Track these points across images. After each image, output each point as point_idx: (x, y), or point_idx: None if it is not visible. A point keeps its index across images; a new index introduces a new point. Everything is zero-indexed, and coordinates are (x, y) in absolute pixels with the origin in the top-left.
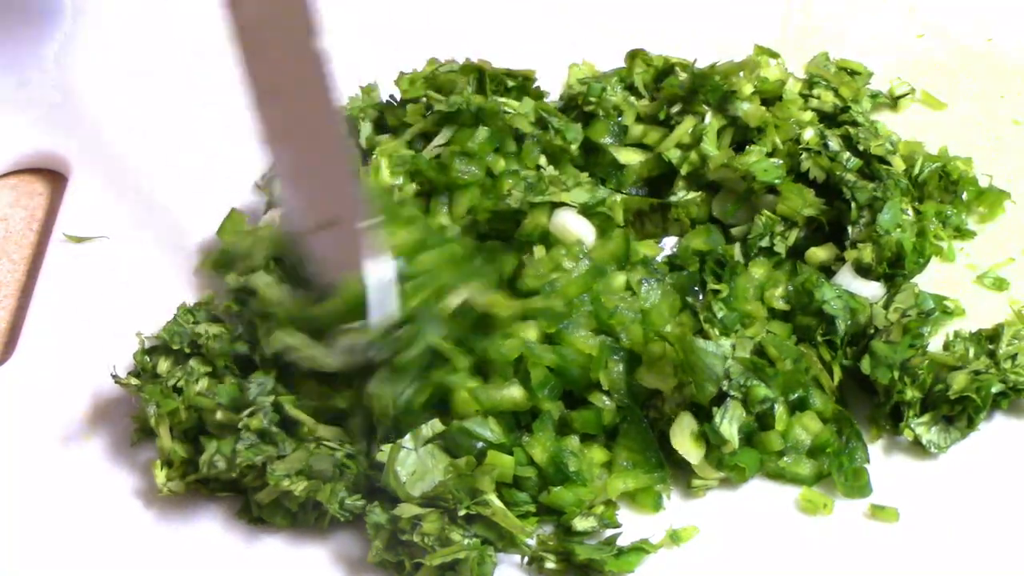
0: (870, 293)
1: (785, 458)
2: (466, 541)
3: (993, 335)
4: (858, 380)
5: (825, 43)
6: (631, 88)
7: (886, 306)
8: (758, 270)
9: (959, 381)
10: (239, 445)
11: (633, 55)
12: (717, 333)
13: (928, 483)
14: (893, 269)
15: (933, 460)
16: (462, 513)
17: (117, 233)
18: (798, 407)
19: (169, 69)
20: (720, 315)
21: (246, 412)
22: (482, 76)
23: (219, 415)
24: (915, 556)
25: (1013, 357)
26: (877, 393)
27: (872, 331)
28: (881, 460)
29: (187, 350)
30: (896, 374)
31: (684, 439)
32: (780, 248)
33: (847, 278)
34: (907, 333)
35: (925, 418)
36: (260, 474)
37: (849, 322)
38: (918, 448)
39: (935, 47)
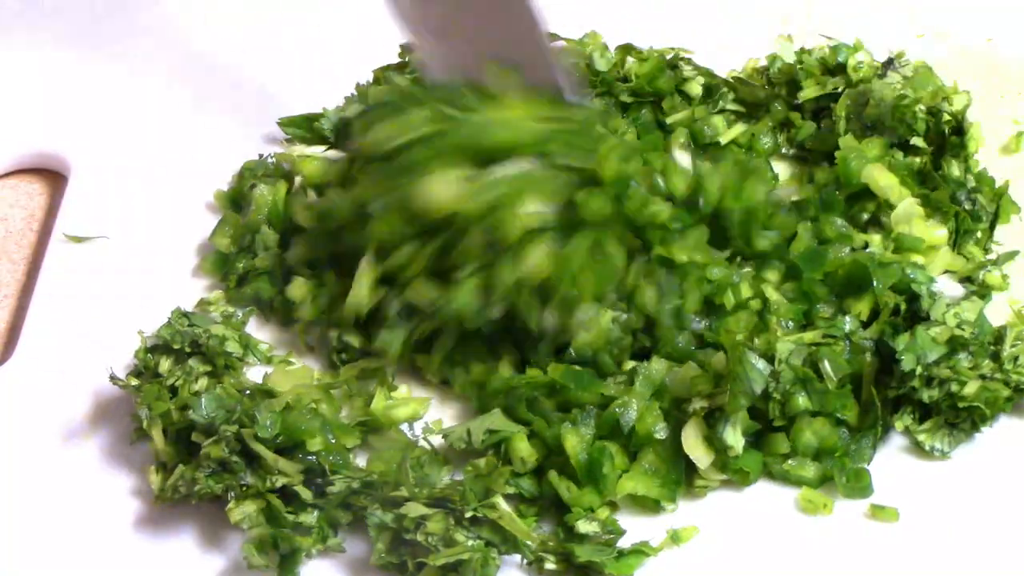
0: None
1: (790, 460)
2: (470, 542)
3: (997, 336)
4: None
5: (825, 43)
6: (625, 80)
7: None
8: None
9: (970, 388)
10: (199, 472)
11: (626, 49)
12: (779, 332)
13: (928, 483)
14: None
15: (933, 460)
16: (468, 515)
17: (117, 233)
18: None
19: (169, 69)
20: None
21: (210, 440)
22: None
23: (193, 436)
24: (915, 556)
25: (1015, 359)
26: (891, 373)
27: (924, 315)
28: (881, 460)
29: (188, 349)
30: (919, 369)
31: (696, 443)
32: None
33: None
34: (955, 343)
35: (927, 424)
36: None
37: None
38: (919, 448)
39: (935, 47)
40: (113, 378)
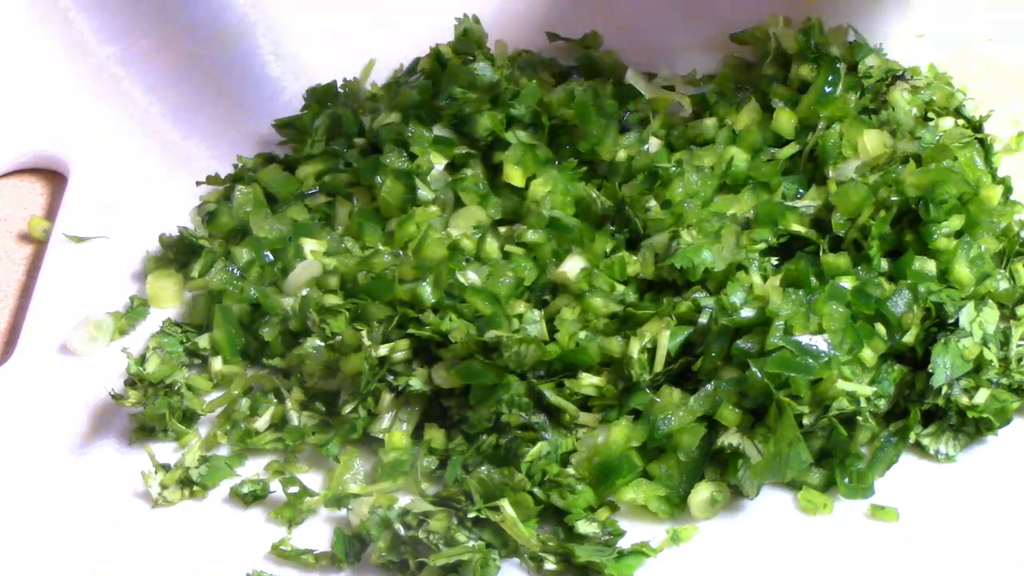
0: None
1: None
2: (471, 543)
3: (1003, 338)
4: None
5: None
6: None
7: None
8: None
9: (980, 397)
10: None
11: None
12: (839, 382)
13: (929, 482)
14: None
15: (934, 460)
16: (471, 515)
17: (117, 233)
18: None
19: (169, 69)
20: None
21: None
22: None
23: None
24: (915, 556)
25: (1020, 360)
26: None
27: (952, 323)
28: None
29: (184, 357)
30: (946, 388)
31: (700, 500)
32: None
33: None
34: (980, 361)
35: (931, 428)
36: None
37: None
38: (918, 448)
39: (935, 47)
40: (117, 396)
